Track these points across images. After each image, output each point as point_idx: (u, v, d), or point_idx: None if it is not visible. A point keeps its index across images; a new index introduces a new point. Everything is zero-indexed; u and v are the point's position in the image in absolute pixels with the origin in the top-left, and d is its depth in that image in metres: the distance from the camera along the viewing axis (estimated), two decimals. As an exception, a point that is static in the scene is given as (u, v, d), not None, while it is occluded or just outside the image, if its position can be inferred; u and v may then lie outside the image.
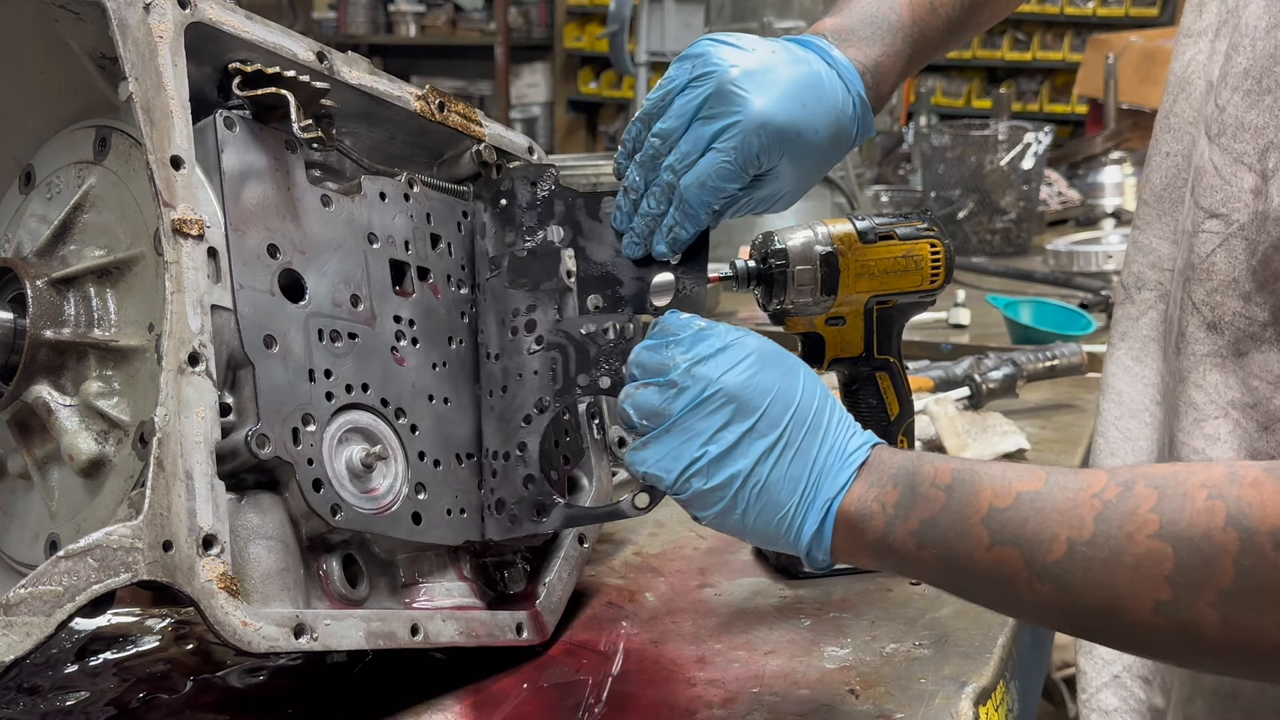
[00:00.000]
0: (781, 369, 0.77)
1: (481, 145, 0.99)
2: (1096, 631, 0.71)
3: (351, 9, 6.57)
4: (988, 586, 0.70)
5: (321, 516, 0.78)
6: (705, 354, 0.76)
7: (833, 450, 0.75)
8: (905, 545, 0.71)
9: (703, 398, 0.75)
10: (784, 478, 0.74)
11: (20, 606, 0.65)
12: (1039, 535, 0.66)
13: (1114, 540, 0.64)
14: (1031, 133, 2.51)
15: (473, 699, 0.85)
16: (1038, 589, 0.67)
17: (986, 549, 0.68)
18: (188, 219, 0.74)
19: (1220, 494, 0.61)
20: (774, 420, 0.74)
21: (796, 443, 0.75)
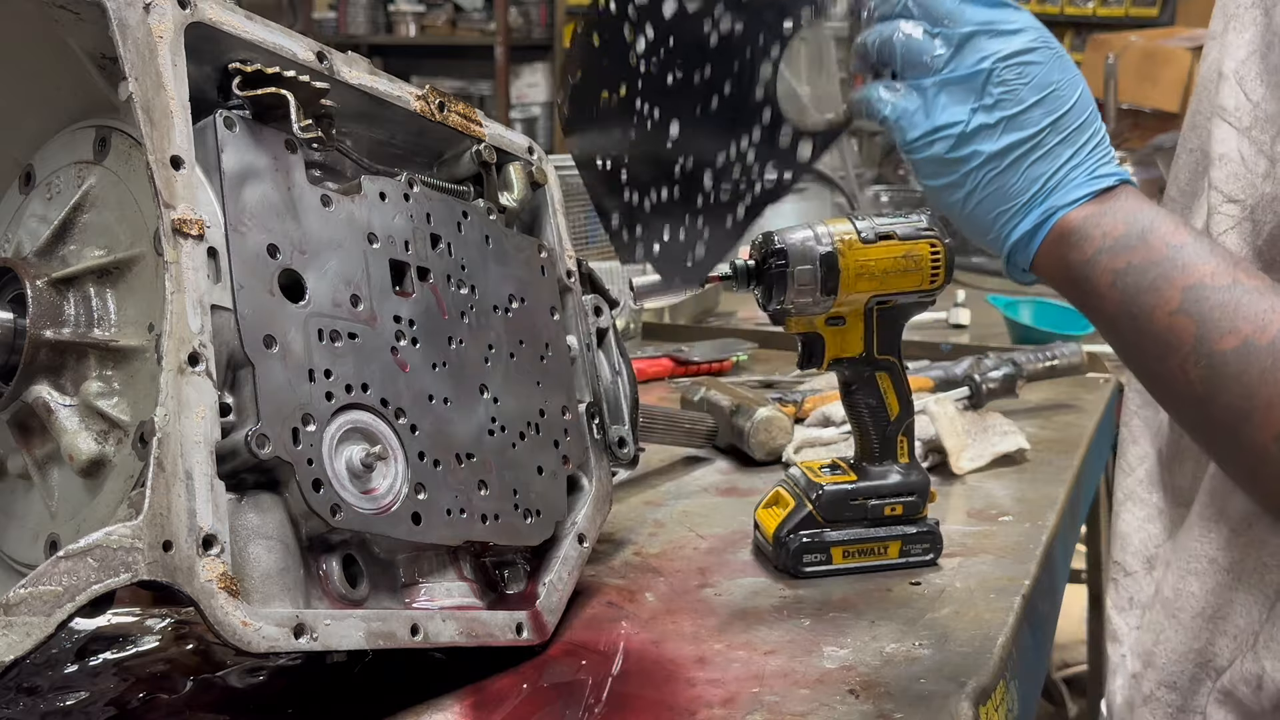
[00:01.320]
0: (1065, 72, 0.76)
1: (481, 145, 0.99)
2: (1212, 437, 0.74)
3: (351, 9, 6.57)
4: (1147, 344, 0.73)
5: (321, 516, 0.78)
6: (1003, 27, 0.76)
7: (1080, 166, 0.75)
8: (1100, 279, 0.73)
9: (979, 70, 0.75)
10: (1022, 175, 0.75)
11: (20, 606, 0.65)
12: (1222, 321, 0.69)
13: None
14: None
15: (473, 699, 0.85)
16: (1189, 370, 0.70)
17: (1169, 313, 0.71)
18: (188, 219, 0.74)
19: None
20: (1037, 118, 0.75)
21: (1048, 145, 0.75)
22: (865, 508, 1.06)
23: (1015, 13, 0.77)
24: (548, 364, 0.99)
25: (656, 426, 1.29)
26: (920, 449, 1.28)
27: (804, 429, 1.41)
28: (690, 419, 1.36)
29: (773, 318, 1.05)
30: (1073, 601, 2.25)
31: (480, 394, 0.92)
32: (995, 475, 1.31)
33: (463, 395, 0.90)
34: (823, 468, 1.10)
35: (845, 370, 1.07)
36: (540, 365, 0.98)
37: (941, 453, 1.32)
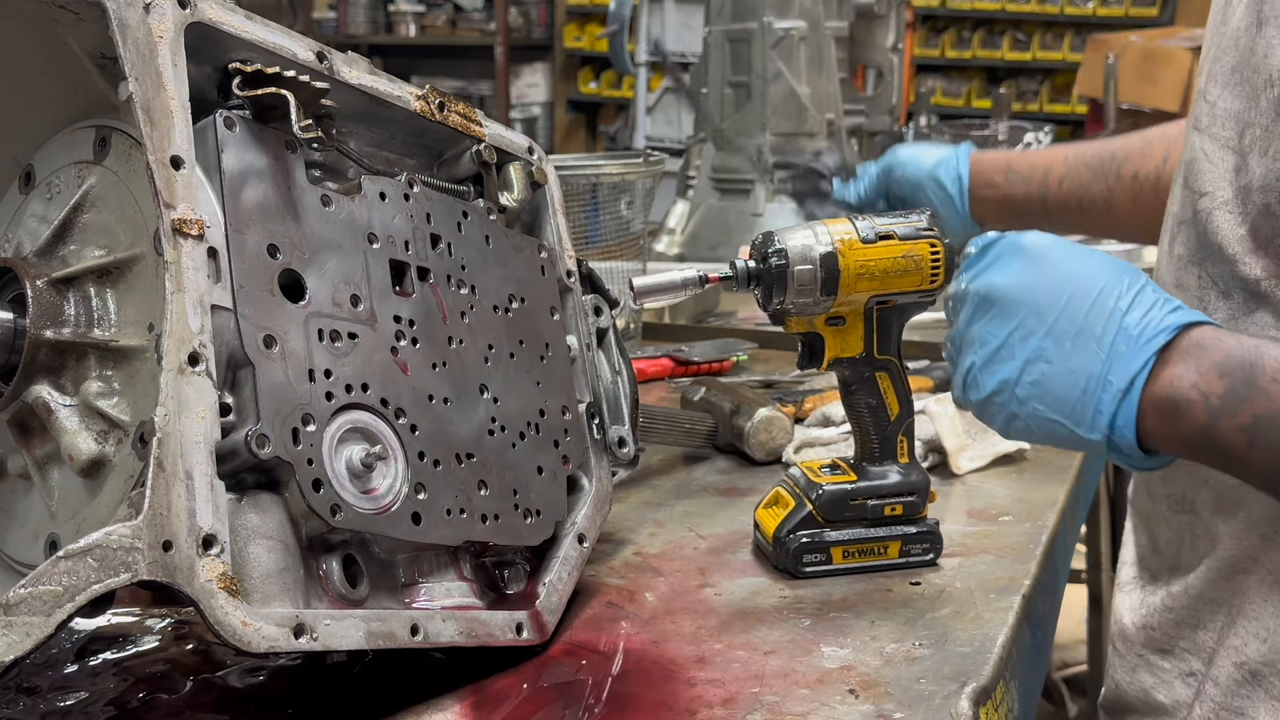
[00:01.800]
0: (1055, 261, 0.75)
1: (481, 145, 0.99)
2: None
3: (351, 9, 6.57)
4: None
5: (321, 516, 0.78)
6: (980, 268, 0.79)
7: (1123, 333, 0.72)
8: (1233, 441, 0.69)
9: (970, 309, 0.78)
10: (1064, 371, 0.72)
11: (20, 606, 0.65)
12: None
13: None
14: (1031, 133, 2.51)
15: (473, 699, 0.85)
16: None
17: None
18: (188, 219, 0.74)
19: None
20: (1041, 313, 0.73)
21: (1072, 333, 0.72)
22: (865, 508, 1.06)
23: (991, 249, 0.80)
24: (548, 364, 0.99)
25: (656, 426, 1.29)
26: (920, 449, 1.28)
27: (804, 429, 1.41)
28: (690, 419, 1.36)
29: (773, 318, 1.04)
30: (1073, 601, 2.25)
31: (480, 394, 0.92)
32: (995, 475, 1.31)
33: (463, 395, 0.90)
34: (823, 468, 1.10)
35: (845, 370, 1.06)
36: (540, 365, 0.98)
37: (941, 453, 1.32)
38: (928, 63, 5.72)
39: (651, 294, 1.01)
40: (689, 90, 2.49)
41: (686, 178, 2.50)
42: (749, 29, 2.29)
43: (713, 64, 2.38)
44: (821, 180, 1.45)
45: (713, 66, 2.37)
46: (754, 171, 2.27)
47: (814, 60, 2.31)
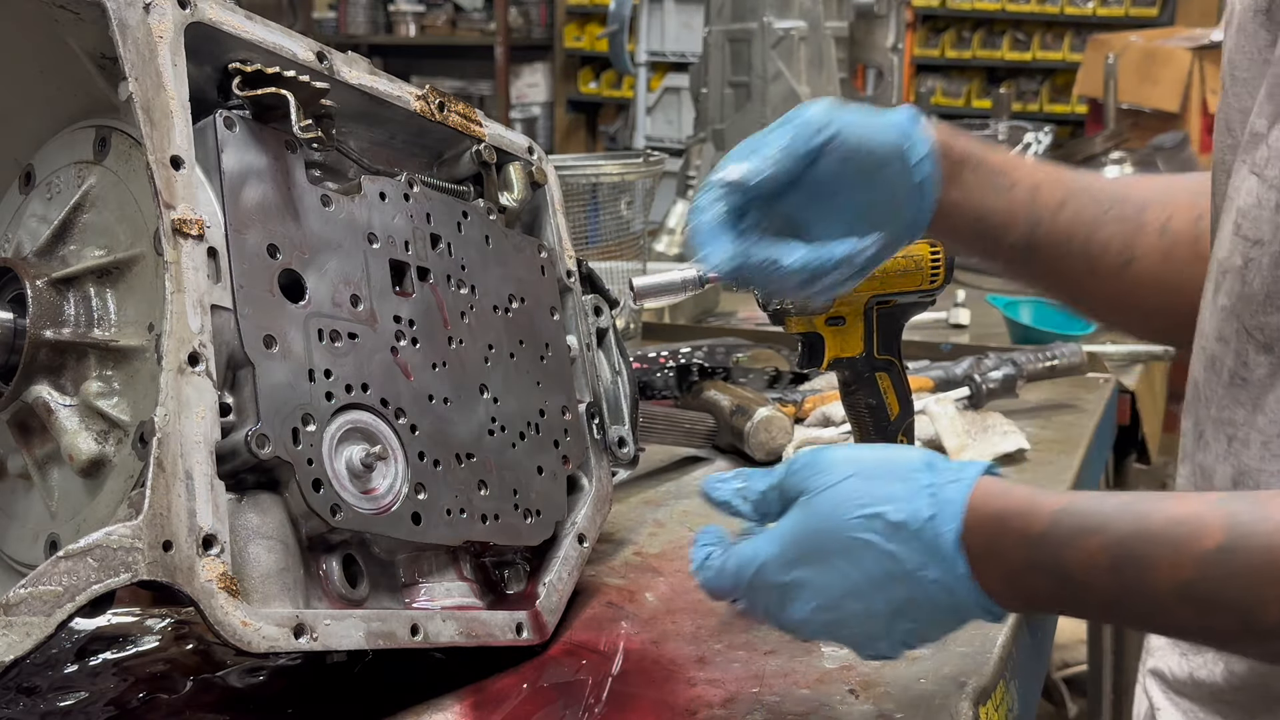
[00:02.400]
0: (830, 554, 0.68)
1: (481, 145, 0.99)
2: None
3: (351, 9, 6.57)
4: (1210, 643, 0.67)
5: (321, 516, 0.78)
6: (784, 552, 0.70)
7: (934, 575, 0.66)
8: (1093, 613, 0.67)
9: (778, 595, 0.71)
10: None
11: (20, 606, 0.65)
12: (1247, 603, 0.59)
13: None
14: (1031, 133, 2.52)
15: (473, 699, 0.85)
16: (1265, 647, 0.61)
17: (1190, 623, 0.62)
18: (188, 219, 0.74)
19: None
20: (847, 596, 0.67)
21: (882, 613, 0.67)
22: (865, 508, 1.06)
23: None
24: (548, 364, 0.99)
25: (656, 426, 1.29)
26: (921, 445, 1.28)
27: (804, 429, 1.41)
28: (690, 419, 1.36)
29: (772, 318, 1.04)
30: (1073, 601, 2.25)
31: (480, 394, 0.92)
32: (995, 475, 1.31)
33: (463, 395, 0.90)
34: (823, 468, 1.10)
35: (845, 370, 1.06)
36: (540, 365, 0.98)
37: (942, 452, 1.32)
38: (928, 63, 5.72)
39: (651, 294, 1.01)
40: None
41: (686, 178, 2.50)
42: (749, 29, 2.30)
43: (713, 64, 2.38)
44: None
45: (713, 66, 2.38)
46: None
47: (814, 60, 2.31)
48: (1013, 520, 0.64)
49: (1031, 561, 0.64)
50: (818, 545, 0.67)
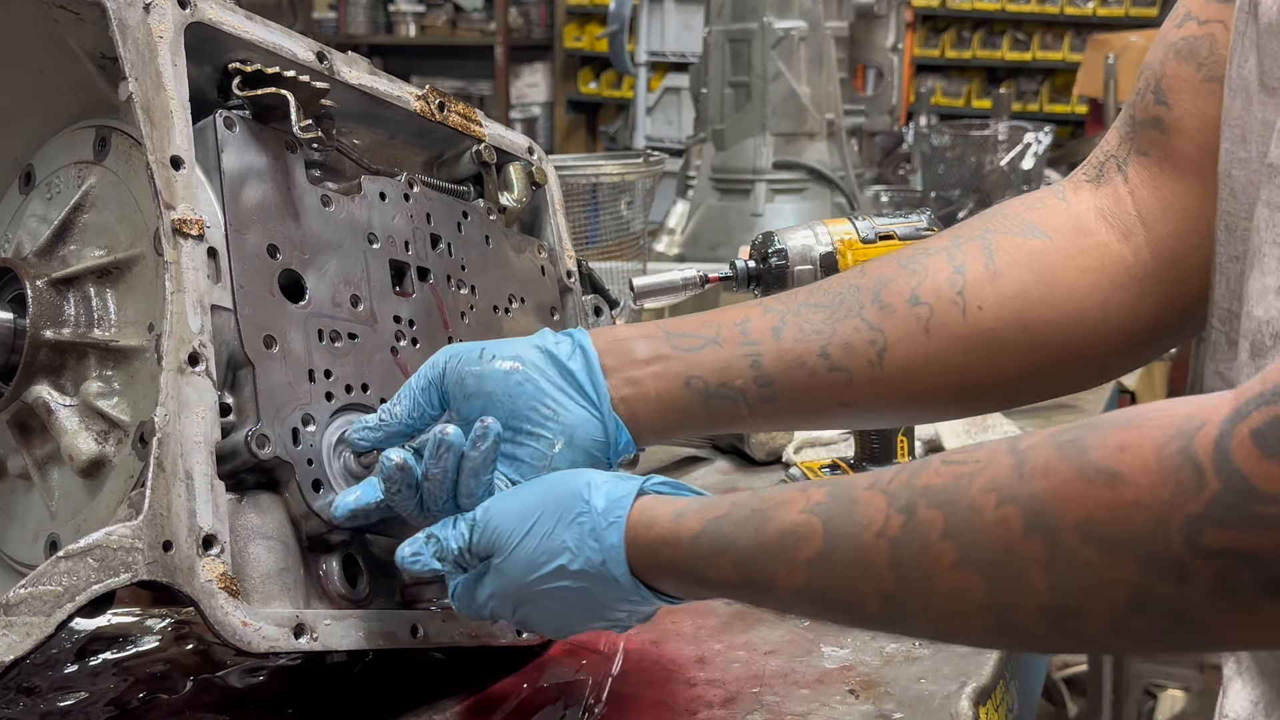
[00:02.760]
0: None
1: (481, 145, 0.99)
2: (958, 642, 0.70)
3: (351, 9, 6.57)
4: (838, 620, 0.71)
5: (321, 517, 0.78)
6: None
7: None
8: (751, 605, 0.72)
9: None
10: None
11: (20, 606, 0.65)
12: (849, 599, 0.62)
13: (918, 584, 0.59)
14: (1031, 133, 2.51)
15: (473, 699, 0.85)
16: (882, 629, 0.67)
17: (809, 612, 0.70)
18: (188, 219, 0.74)
19: (1011, 496, 0.55)
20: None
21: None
22: (865, 508, 1.06)
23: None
24: (548, 364, 0.99)
25: (656, 426, 1.29)
26: (920, 449, 1.28)
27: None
28: (690, 419, 1.36)
29: (773, 318, 1.04)
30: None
31: (480, 394, 0.92)
32: (995, 475, 1.31)
33: (463, 395, 0.90)
34: (823, 468, 1.10)
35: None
36: (540, 365, 0.98)
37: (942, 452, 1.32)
38: (928, 63, 5.72)
39: (651, 294, 1.02)
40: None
41: (686, 178, 2.50)
42: (749, 29, 2.30)
43: (713, 64, 2.38)
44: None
45: (713, 66, 2.38)
46: None
47: (814, 60, 2.31)
48: (663, 549, 0.69)
49: (688, 578, 0.69)
50: (522, 598, 0.73)
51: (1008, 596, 0.56)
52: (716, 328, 0.81)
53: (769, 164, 2.30)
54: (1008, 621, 0.57)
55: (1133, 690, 2.45)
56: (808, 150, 2.33)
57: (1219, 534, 0.49)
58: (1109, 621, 0.54)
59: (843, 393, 0.79)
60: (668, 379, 0.80)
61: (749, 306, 0.82)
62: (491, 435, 0.76)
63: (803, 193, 2.33)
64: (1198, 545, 0.50)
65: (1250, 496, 0.48)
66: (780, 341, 0.79)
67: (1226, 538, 0.49)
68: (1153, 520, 0.50)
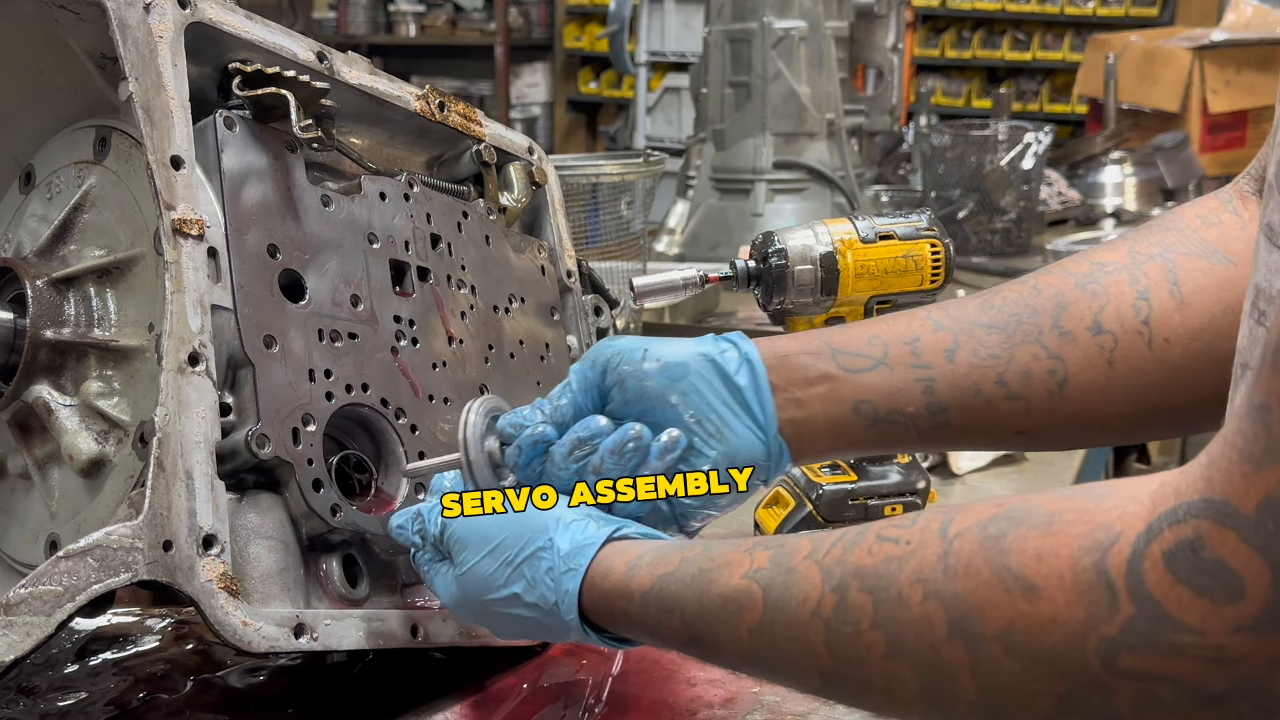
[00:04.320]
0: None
1: (481, 145, 0.99)
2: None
3: (351, 9, 6.57)
4: (788, 686, 0.69)
5: (321, 516, 0.78)
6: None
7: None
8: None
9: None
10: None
11: (20, 606, 0.65)
12: (792, 671, 0.62)
13: (855, 668, 0.58)
14: (1031, 133, 2.51)
15: (473, 699, 0.85)
16: (837, 699, 0.66)
17: (756, 675, 0.69)
18: (188, 219, 0.74)
19: (935, 591, 0.54)
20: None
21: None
22: (865, 507, 1.06)
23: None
24: (548, 364, 0.99)
25: (656, 426, 1.29)
26: (920, 449, 1.28)
27: (804, 429, 1.41)
28: (690, 419, 1.36)
29: (772, 318, 1.04)
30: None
31: (480, 394, 0.92)
32: (995, 475, 1.31)
33: (463, 395, 0.90)
34: (823, 468, 1.10)
35: (845, 370, 1.06)
36: (540, 365, 0.98)
37: (941, 452, 1.32)
38: (928, 63, 5.72)
39: (651, 294, 1.02)
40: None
41: (686, 178, 2.50)
42: (749, 29, 2.29)
43: (713, 64, 2.38)
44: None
45: (713, 66, 2.38)
46: None
47: (814, 60, 2.31)
48: (616, 602, 0.70)
49: (641, 631, 0.70)
50: (475, 608, 0.75)
51: (939, 692, 0.55)
52: (884, 346, 0.77)
53: (769, 164, 2.30)
54: (945, 713, 0.57)
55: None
56: (808, 150, 2.33)
57: (1135, 659, 0.48)
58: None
59: (1018, 421, 0.76)
60: (835, 402, 0.76)
61: (915, 320, 0.78)
62: (679, 449, 0.75)
63: (803, 193, 2.33)
64: (1115, 667, 0.49)
65: (1164, 623, 0.47)
66: (954, 366, 0.76)
67: (1144, 663, 0.48)
68: (1069, 639, 0.50)
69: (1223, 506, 0.46)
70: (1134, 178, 3.01)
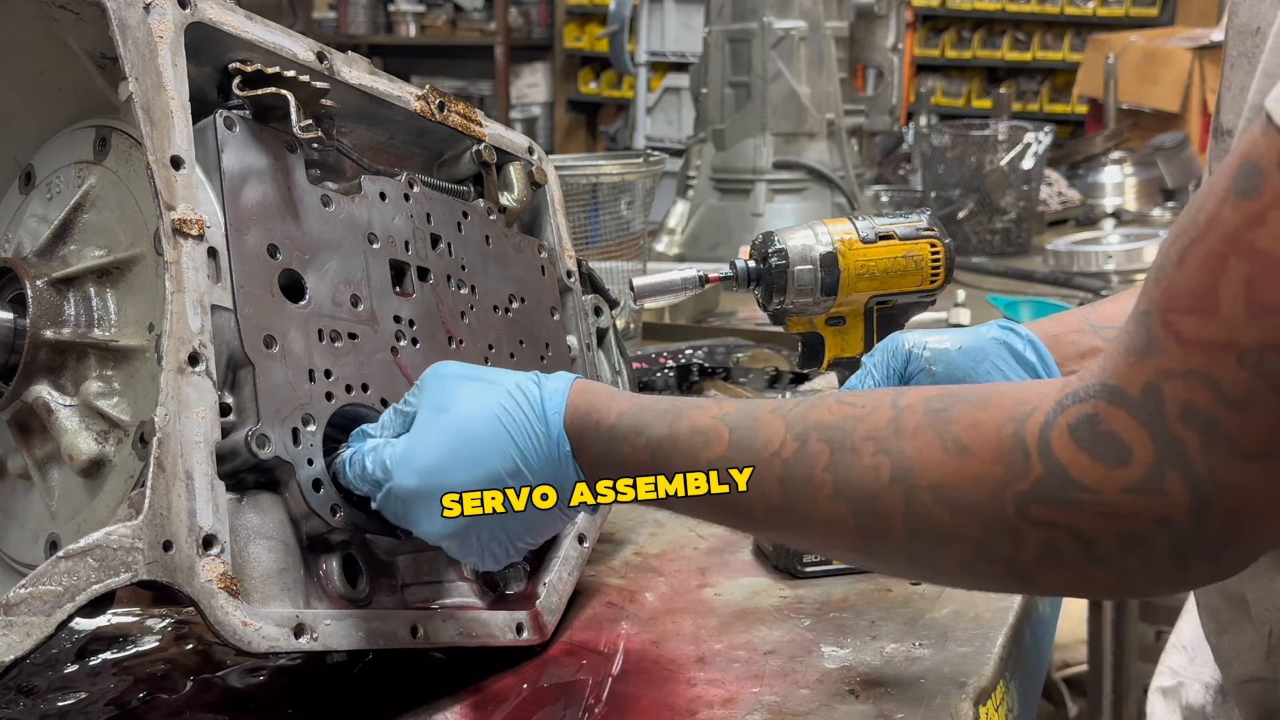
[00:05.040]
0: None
1: (481, 145, 0.99)
2: (833, 558, 0.82)
3: (351, 9, 6.57)
4: (725, 521, 0.76)
5: (321, 517, 0.78)
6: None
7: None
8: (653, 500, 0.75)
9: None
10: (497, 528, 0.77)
11: (20, 606, 0.65)
12: (739, 506, 0.70)
13: (800, 504, 0.67)
14: (1031, 133, 2.52)
15: (473, 699, 0.85)
16: (769, 537, 0.81)
17: (707, 515, 0.74)
18: (188, 219, 0.74)
19: (885, 448, 0.64)
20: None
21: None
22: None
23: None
24: (548, 364, 0.99)
25: (656, 426, 1.29)
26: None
27: (804, 429, 1.41)
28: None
29: (773, 318, 1.04)
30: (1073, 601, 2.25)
31: (480, 394, 0.92)
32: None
33: (463, 395, 0.90)
34: (823, 468, 1.10)
35: (845, 370, 1.06)
36: (540, 365, 0.98)
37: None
38: (928, 63, 5.72)
39: (651, 294, 1.02)
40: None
41: (686, 178, 2.50)
42: (749, 29, 2.30)
43: (713, 64, 2.38)
44: None
45: (713, 66, 2.38)
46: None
47: (814, 60, 2.31)
48: (594, 414, 0.75)
49: (604, 451, 0.75)
50: (442, 402, 0.77)
51: (872, 531, 0.65)
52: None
53: (769, 164, 2.30)
54: (873, 551, 0.67)
55: (1133, 691, 2.45)
56: (808, 150, 2.33)
57: (1042, 510, 0.59)
58: (956, 565, 0.64)
59: None
60: None
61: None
62: None
63: (803, 193, 2.34)
64: (1027, 516, 0.59)
65: (1067, 482, 0.58)
66: None
67: (1049, 513, 0.58)
68: (990, 492, 0.60)
69: (1114, 389, 0.57)
70: (1134, 178, 3.01)
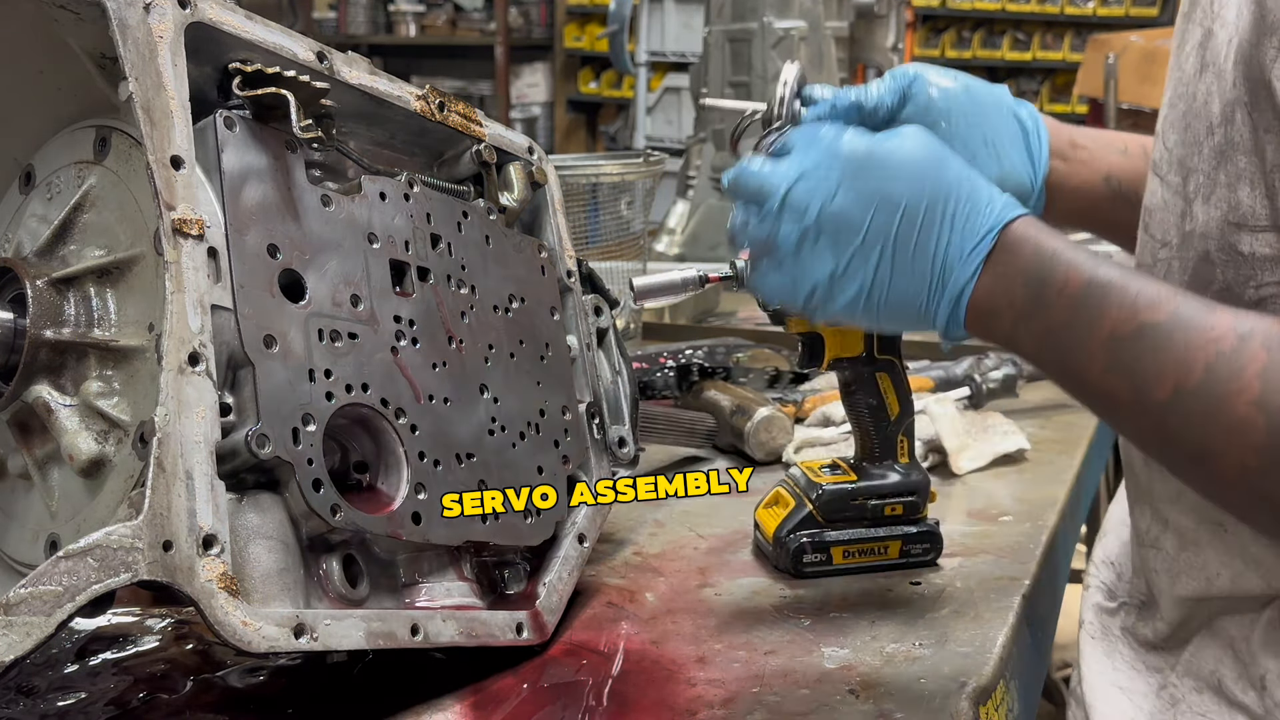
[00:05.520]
0: (882, 170, 0.77)
1: (481, 145, 0.99)
2: (1184, 474, 0.74)
3: (351, 9, 6.57)
4: (1097, 405, 0.75)
5: (321, 516, 0.78)
6: (794, 176, 0.78)
7: (953, 244, 0.76)
8: (1029, 348, 0.76)
9: (802, 232, 0.77)
10: (908, 280, 0.77)
11: (20, 606, 0.65)
12: (1149, 372, 0.69)
13: (1215, 398, 0.66)
14: (1032, 133, 2.51)
15: (473, 699, 0.85)
16: (1140, 420, 0.71)
17: (1101, 372, 0.72)
18: (188, 219, 0.74)
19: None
20: (881, 230, 0.76)
21: (910, 243, 0.76)
22: (865, 508, 1.06)
23: (804, 150, 0.79)
24: (548, 364, 0.99)
25: (656, 426, 1.29)
26: (920, 449, 1.28)
27: (804, 429, 1.41)
28: (690, 419, 1.36)
29: (773, 318, 1.04)
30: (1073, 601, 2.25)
31: (480, 394, 0.92)
32: (995, 475, 1.31)
33: (463, 395, 0.90)
34: (823, 468, 1.10)
35: (846, 370, 1.06)
36: (540, 365, 0.98)
37: (942, 453, 1.32)
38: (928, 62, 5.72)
39: (651, 294, 1.01)
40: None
41: (686, 178, 2.50)
42: (749, 29, 2.29)
43: (713, 64, 2.38)
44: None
45: (713, 66, 2.38)
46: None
47: (814, 60, 2.31)
48: (1030, 229, 0.76)
49: (1033, 266, 0.75)
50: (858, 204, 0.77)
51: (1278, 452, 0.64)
52: (1124, 143, 0.97)
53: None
54: (1269, 472, 0.65)
55: (1133, 690, 2.44)
56: (808, 150, 2.33)
57: None
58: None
59: None
60: (1091, 169, 0.96)
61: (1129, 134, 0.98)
62: None
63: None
64: None
65: None
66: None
67: None
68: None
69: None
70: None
